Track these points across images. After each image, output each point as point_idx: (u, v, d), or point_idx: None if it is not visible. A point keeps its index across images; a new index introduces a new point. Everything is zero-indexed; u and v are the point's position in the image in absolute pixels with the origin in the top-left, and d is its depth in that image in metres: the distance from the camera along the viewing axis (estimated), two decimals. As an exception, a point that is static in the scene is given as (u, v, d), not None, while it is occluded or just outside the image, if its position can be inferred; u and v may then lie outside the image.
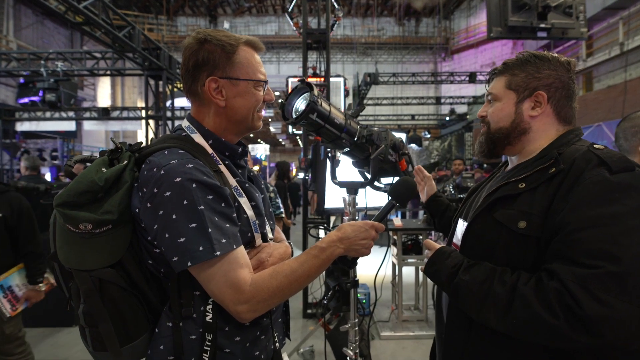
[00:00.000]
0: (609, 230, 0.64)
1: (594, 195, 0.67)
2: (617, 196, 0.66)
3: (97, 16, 4.41)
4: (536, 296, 0.65)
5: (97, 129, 13.34)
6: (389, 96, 14.24)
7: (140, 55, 5.89)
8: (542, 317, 0.64)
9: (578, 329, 0.62)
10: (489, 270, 0.73)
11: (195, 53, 0.80)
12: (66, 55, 7.53)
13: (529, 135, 0.87)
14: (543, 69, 0.85)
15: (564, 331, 0.63)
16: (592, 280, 0.62)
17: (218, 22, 18.82)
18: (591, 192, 0.68)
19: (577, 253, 0.65)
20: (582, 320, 0.62)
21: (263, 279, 0.73)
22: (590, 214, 0.66)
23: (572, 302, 0.62)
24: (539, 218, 0.72)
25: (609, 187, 0.67)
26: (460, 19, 18.48)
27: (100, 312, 0.70)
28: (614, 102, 8.20)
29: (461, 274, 0.76)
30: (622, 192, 0.66)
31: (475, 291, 0.72)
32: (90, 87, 14.43)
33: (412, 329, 3.11)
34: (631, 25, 9.29)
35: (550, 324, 0.63)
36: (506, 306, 0.68)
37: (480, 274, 0.73)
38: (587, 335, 0.62)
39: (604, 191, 0.67)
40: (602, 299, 0.61)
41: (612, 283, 0.62)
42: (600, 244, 0.64)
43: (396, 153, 1.42)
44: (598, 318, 0.61)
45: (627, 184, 0.67)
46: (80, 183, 0.70)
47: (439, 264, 0.82)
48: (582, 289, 0.62)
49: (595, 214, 0.66)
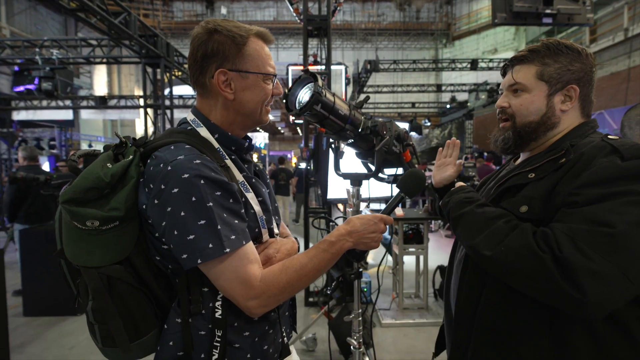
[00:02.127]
0: (610, 204, 0.65)
1: (601, 177, 0.67)
2: (624, 180, 0.66)
3: (92, 1, 4.30)
4: (532, 233, 0.68)
5: (95, 118, 13.24)
6: (390, 84, 14.08)
7: (137, 43, 5.78)
8: (531, 246, 0.66)
9: (558, 269, 0.63)
10: (502, 213, 0.75)
11: (205, 43, 0.77)
12: (61, 42, 7.39)
13: (555, 130, 0.83)
14: (575, 62, 0.81)
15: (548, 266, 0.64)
16: (582, 235, 0.64)
17: (215, 8, 18.43)
18: (599, 174, 0.68)
19: (575, 219, 0.66)
20: (558, 260, 0.63)
21: (273, 274, 0.73)
22: (594, 193, 0.66)
23: (554, 244, 0.64)
24: (540, 202, 0.73)
25: (618, 171, 0.67)
26: (462, 4, 18.11)
27: (109, 309, 0.69)
28: (617, 89, 8.12)
29: (475, 207, 0.79)
30: (631, 178, 0.66)
31: (480, 222, 0.76)
32: (87, 74, 14.23)
33: (413, 317, 3.15)
34: (637, 10, 9.11)
35: (538, 255, 0.65)
36: (502, 236, 0.70)
37: (492, 213, 0.76)
38: (564, 280, 0.62)
39: (612, 175, 0.67)
40: (586, 251, 0.62)
41: (601, 241, 0.63)
42: (599, 213, 0.65)
43: (400, 144, 1.41)
44: (577, 266, 0.62)
45: (638, 170, 0.66)
46: (86, 179, 0.69)
47: (455, 194, 0.87)
48: (566, 237, 0.64)
49: (599, 193, 0.66)
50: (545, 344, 0.71)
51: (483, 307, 0.79)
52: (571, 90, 0.81)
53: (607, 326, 0.69)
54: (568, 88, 0.81)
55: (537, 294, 0.68)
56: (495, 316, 0.77)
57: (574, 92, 0.81)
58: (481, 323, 0.79)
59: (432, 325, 3.04)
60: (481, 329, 0.79)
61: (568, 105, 0.82)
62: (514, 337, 0.75)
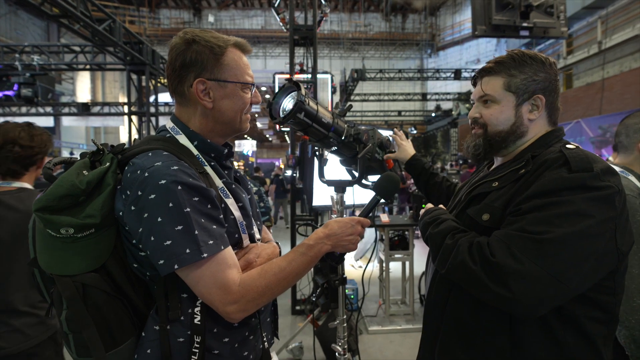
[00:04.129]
0: (547, 213, 0.70)
1: (547, 190, 0.72)
2: (566, 191, 0.71)
3: (75, 8, 4.25)
4: (467, 246, 0.76)
5: (77, 125, 12.94)
6: (376, 92, 14.30)
7: (121, 50, 5.72)
8: (465, 262, 0.74)
9: (489, 276, 0.70)
10: (450, 228, 0.83)
11: (183, 53, 0.79)
12: (43, 48, 7.25)
13: (524, 138, 0.87)
14: (540, 72, 0.85)
15: (478, 275, 0.71)
16: (515, 240, 0.70)
17: (202, 15, 18.42)
18: (545, 186, 0.73)
19: (513, 227, 0.72)
20: (492, 266, 0.70)
21: (252, 279, 0.73)
22: (537, 203, 0.72)
23: (487, 252, 0.71)
24: (500, 210, 0.79)
25: (561, 183, 0.72)
26: (446, 16, 18.66)
27: (83, 318, 0.68)
28: (592, 99, 8.48)
29: (431, 228, 0.87)
30: (573, 189, 0.70)
31: (436, 242, 0.84)
32: (69, 81, 13.95)
33: (399, 323, 3.17)
34: (609, 24, 9.57)
35: (470, 268, 0.72)
36: (448, 255, 0.78)
37: (443, 231, 0.83)
38: (496, 283, 0.69)
39: (556, 185, 0.72)
40: (517, 255, 0.68)
41: (531, 246, 0.68)
42: (536, 222, 0.70)
43: (383, 151, 1.44)
44: (506, 268, 0.68)
45: (580, 182, 0.71)
46: (60, 187, 0.68)
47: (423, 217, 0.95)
48: (502, 243, 0.71)
49: (542, 203, 0.71)
50: (505, 341, 0.76)
51: (451, 306, 0.84)
52: (537, 100, 0.85)
53: (562, 325, 0.74)
54: (534, 98, 0.85)
55: (481, 297, 0.75)
56: (462, 315, 0.82)
57: (540, 101, 0.85)
58: (449, 322, 0.84)
59: (419, 331, 3.04)
60: (448, 326, 0.84)
61: (535, 114, 0.86)
62: (478, 334, 0.80)
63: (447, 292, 0.85)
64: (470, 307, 0.80)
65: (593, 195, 0.70)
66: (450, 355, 0.83)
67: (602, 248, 0.70)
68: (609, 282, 0.75)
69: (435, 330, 0.87)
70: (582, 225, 0.68)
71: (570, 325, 0.74)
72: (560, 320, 0.74)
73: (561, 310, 0.73)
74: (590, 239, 0.68)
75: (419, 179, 1.36)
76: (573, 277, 0.68)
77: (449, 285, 0.85)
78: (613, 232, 0.70)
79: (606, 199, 0.70)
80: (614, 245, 0.71)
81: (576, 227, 0.68)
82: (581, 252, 0.68)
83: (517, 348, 0.75)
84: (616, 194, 0.71)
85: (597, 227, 0.69)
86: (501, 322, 0.77)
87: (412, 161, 1.37)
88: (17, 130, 1.26)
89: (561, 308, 0.73)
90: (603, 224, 0.69)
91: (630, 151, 1.25)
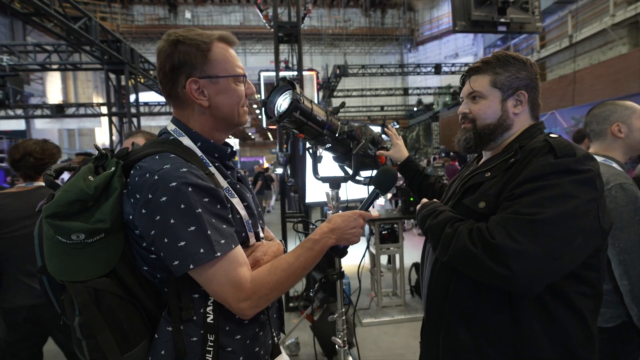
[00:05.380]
0: (538, 196, 0.76)
1: (536, 174, 0.78)
2: (553, 175, 0.77)
3: (49, 6, 4.07)
4: (467, 234, 0.80)
5: (50, 127, 12.39)
6: (359, 88, 14.37)
7: (98, 48, 5.53)
8: (467, 247, 0.78)
9: (490, 257, 0.75)
10: (448, 218, 0.88)
11: (170, 56, 0.78)
12: (12, 48, 6.90)
13: (510, 132, 0.95)
14: (522, 70, 0.93)
15: (480, 258, 0.76)
16: (511, 222, 0.75)
17: (178, 11, 17.94)
18: (534, 172, 0.79)
19: (508, 210, 0.78)
20: (492, 247, 0.74)
21: (262, 275, 0.75)
22: (528, 187, 0.78)
23: (487, 235, 0.76)
24: (494, 198, 0.84)
25: (549, 168, 0.78)
26: (424, 11, 18.92)
27: (97, 323, 0.68)
28: (565, 91, 8.81)
29: (430, 220, 0.91)
30: (559, 173, 0.77)
31: (436, 233, 0.88)
32: (38, 81, 13.30)
33: (392, 314, 3.24)
34: (579, 19, 9.96)
35: (472, 252, 0.77)
36: (449, 243, 0.83)
37: (442, 221, 0.88)
38: (497, 263, 0.74)
39: (544, 170, 0.78)
40: (514, 236, 0.74)
41: (526, 227, 0.74)
42: (528, 205, 0.76)
43: (375, 147, 1.48)
44: (506, 249, 0.73)
45: (565, 166, 0.78)
46: (69, 192, 0.68)
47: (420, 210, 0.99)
48: (500, 226, 0.76)
49: (532, 187, 0.77)
50: (507, 320, 0.82)
51: (453, 292, 0.89)
52: (521, 95, 0.93)
53: (555, 301, 0.81)
54: (518, 93, 0.93)
55: (483, 279, 0.80)
56: (464, 299, 0.87)
57: (524, 96, 0.93)
58: (452, 306, 0.89)
59: (411, 321, 3.14)
60: (451, 311, 0.89)
61: (519, 109, 0.94)
62: (480, 315, 0.85)
63: (448, 280, 0.90)
64: (472, 290, 0.85)
65: (577, 178, 0.76)
66: (455, 338, 0.88)
67: (589, 226, 0.77)
68: (593, 260, 0.82)
69: (439, 316, 0.92)
70: (569, 205, 0.74)
71: (562, 301, 0.81)
72: (552, 297, 0.80)
73: (554, 287, 0.79)
74: (578, 217, 0.75)
75: (412, 180, 1.40)
76: (565, 254, 0.74)
77: (450, 273, 0.90)
78: (596, 211, 0.78)
79: (589, 181, 0.77)
80: (598, 223, 0.78)
81: (565, 207, 0.74)
82: (571, 230, 0.74)
83: (517, 324, 0.81)
84: (596, 177, 0.79)
85: (583, 207, 0.76)
86: (502, 302, 0.82)
87: (407, 163, 1.41)
88: (33, 145, 1.69)
89: (554, 285, 0.79)
90: (588, 203, 0.76)
91: (603, 137, 1.35)
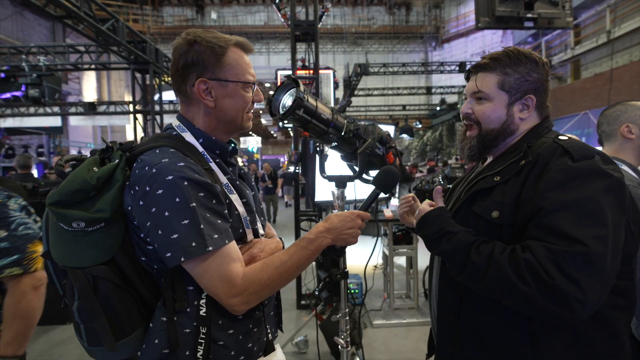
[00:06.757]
0: (572, 214, 0.70)
1: (559, 181, 0.74)
2: (577, 183, 0.72)
3: (79, 9, 4.29)
4: (509, 265, 0.71)
5: (84, 124, 13.08)
6: (380, 86, 14.19)
7: (125, 49, 5.76)
8: (515, 284, 0.69)
9: (548, 297, 0.68)
10: (468, 242, 0.78)
11: (185, 54, 0.81)
12: (48, 49, 7.32)
13: (513, 136, 0.89)
14: (533, 72, 0.86)
15: (535, 298, 0.68)
16: (562, 257, 0.68)
17: (205, 12, 18.40)
18: (556, 179, 0.74)
19: (548, 233, 0.71)
20: (552, 290, 0.67)
21: (254, 272, 0.75)
22: (557, 199, 0.72)
23: (542, 273, 0.67)
24: (510, 207, 0.78)
25: (571, 174, 0.73)
26: (451, 7, 18.39)
27: (94, 309, 0.71)
28: (601, 90, 8.33)
29: (444, 245, 0.80)
30: (582, 179, 0.73)
31: (458, 260, 0.78)
32: (75, 80, 14.07)
33: (404, 317, 3.19)
34: (617, 13, 9.37)
35: (522, 290, 0.69)
36: (482, 272, 0.73)
37: (459, 245, 0.78)
38: (557, 305, 0.67)
39: (567, 178, 0.73)
40: (571, 274, 0.67)
41: (582, 265, 0.67)
42: (567, 227, 0.70)
43: (383, 146, 1.45)
44: (569, 293, 0.66)
45: (587, 170, 0.73)
46: (72, 182, 0.71)
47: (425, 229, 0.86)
48: (550, 262, 0.68)
49: (561, 199, 0.72)
50: (525, 338, 0.76)
51: (466, 309, 0.83)
52: (529, 100, 0.87)
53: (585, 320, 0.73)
54: (526, 98, 0.87)
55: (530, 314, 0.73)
56: (478, 316, 0.81)
57: (532, 101, 0.87)
58: (465, 328, 0.83)
59: (423, 325, 3.08)
60: (466, 334, 0.83)
61: (526, 114, 0.87)
62: (496, 335, 0.79)
63: (459, 299, 0.84)
64: (485, 308, 0.80)
65: (605, 185, 0.72)
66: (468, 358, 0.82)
67: (624, 238, 0.72)
68: (627, 267, 0.76)
69: (452, 337, 0.86)
70: (611, 227, 0.69)
71: (592, 318, 0.72)
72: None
73: None
74: (617, 237, 0.71)
75: None
76: (613, 275, 0.70)
77: (461, 292, 0.84)
78: (627, 218, 0.73)
79: (617, 187, 0.73)
80: (630, 229, 0.73)
81: (607, 229, 0.69)
82: (614, 251, 0.70)
83: (537, 345, 0.75)
84: (622, 179, 0.74)
85: (619, 218, 0.71)
86: (519, 321, 0.76)
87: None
88: None
89: None
90: (621, 213, 0.72)
91: (613, 138, 1.32)
